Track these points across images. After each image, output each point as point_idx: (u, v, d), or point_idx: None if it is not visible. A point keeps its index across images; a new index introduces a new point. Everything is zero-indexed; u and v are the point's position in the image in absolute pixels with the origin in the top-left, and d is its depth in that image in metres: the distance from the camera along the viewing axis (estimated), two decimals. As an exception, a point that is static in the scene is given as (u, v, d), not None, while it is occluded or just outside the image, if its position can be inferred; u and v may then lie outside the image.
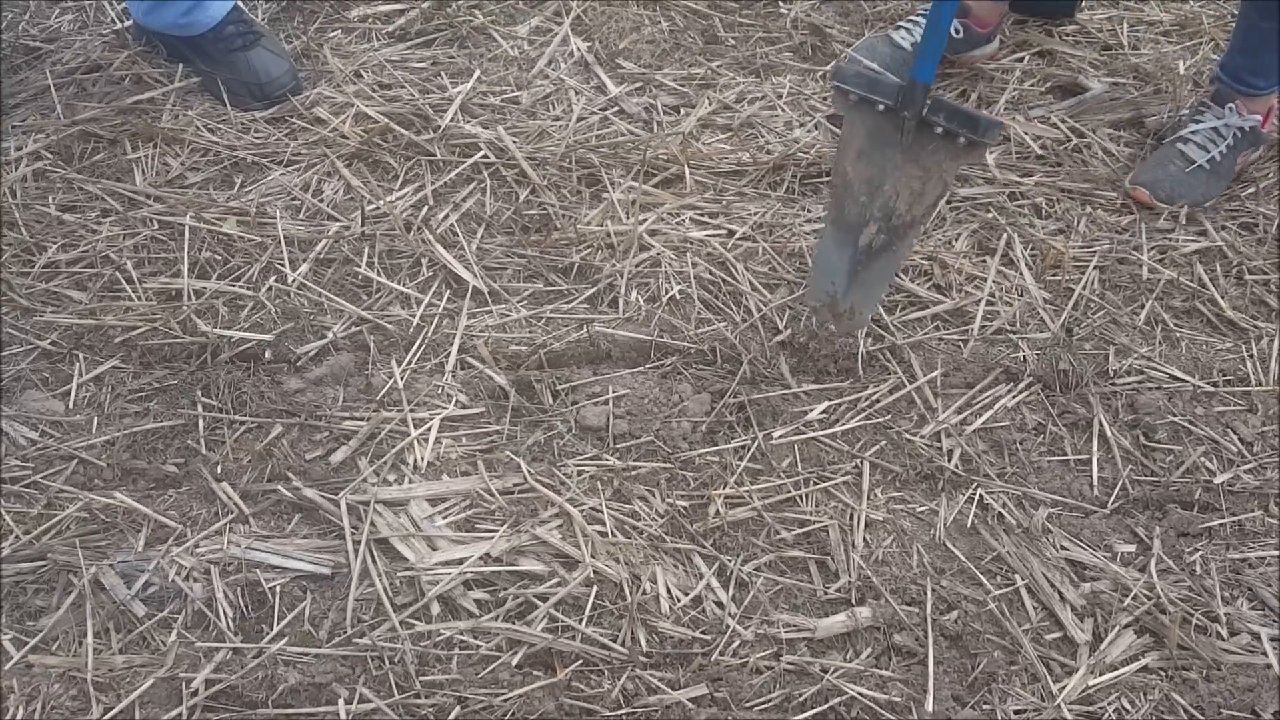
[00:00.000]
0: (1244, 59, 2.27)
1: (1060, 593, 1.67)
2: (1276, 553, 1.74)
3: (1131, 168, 2.35)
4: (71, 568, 1.59)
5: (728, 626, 1.59)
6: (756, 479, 1.76)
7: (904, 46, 2.27)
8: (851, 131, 1.86)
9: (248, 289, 1.97)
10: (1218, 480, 1.82)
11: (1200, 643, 1.61)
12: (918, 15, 2.27)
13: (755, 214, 2.18)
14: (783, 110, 2.45)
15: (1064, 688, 1.55)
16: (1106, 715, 1.53)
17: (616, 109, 2.41)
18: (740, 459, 1.78)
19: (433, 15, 2.60)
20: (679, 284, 2.01)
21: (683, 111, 2.43)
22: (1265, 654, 1.61)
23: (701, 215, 2.18)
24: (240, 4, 2.43)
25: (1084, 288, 2.09)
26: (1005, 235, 2.17)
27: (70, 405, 1.81)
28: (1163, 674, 1.58)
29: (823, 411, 1.86)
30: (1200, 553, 1.73)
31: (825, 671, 1.55)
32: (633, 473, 1.74)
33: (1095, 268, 2.13)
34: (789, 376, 1.90)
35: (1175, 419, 1.90)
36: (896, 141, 1.81)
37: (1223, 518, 1.78)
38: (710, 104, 2.44)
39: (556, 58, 2.53)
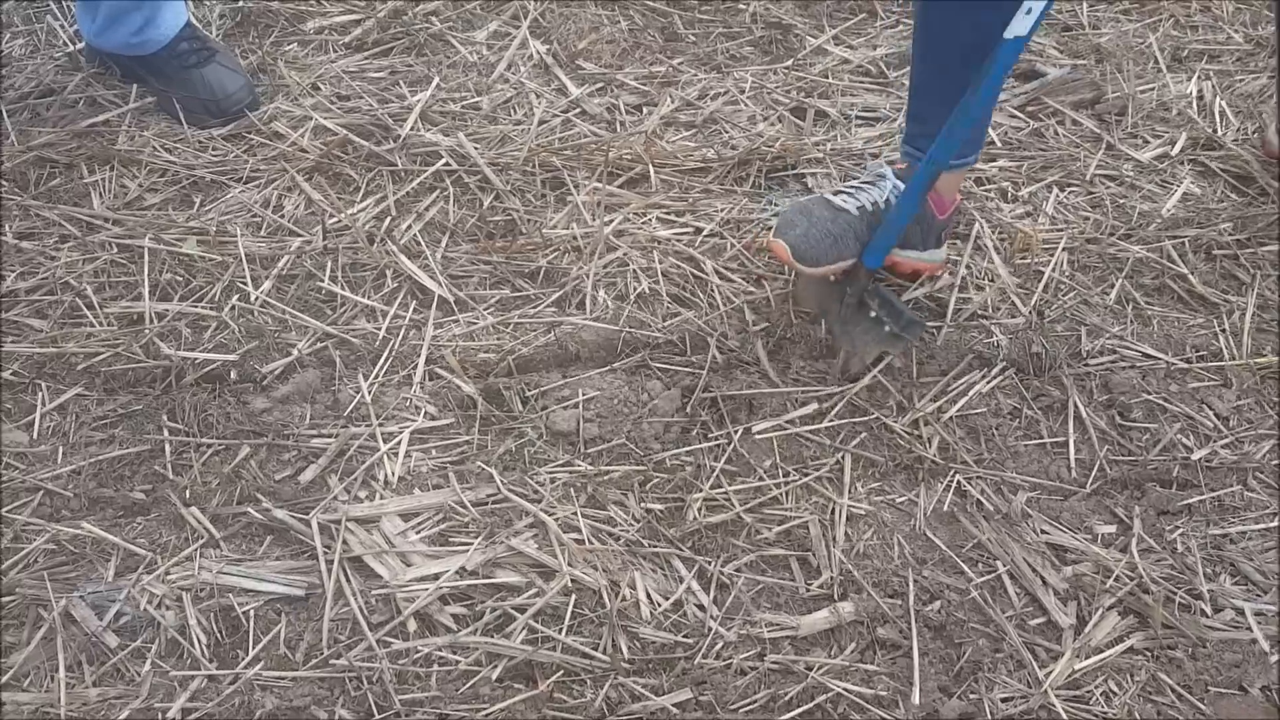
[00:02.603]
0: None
1: (1042, 577, 1.65)
2: (1258, 527, 1.74)
3: (1092, 148, 2.35)
4: (41, 601, 1.56)
5: (710, 629, 1.58)
6: (734, 479, 1.75)
7: (847, 209, 1.90)
8: (803, 286, 1.97)
9: (210, 309, 1.94)
10: (1195, 457, 1.81)
11: (1185, 621, 1.60)
12: (860, 182, 2.14)
13: (722, 210, 2.16)
14: (746, 105, 2.44)
15: (1050, 673, 1.54)
16: (1094, 699, 1.52)
17: (578, 110, 2.40)
18: (717, 460, 1.76)
19: (389, 24, 2.58)
20: (648, 280, 2.00)
21: (645, 110, 2.42)
22: (1250, 629, 1.60)
23: (668, 214, 2.16)
24: (194, 20, 2.40)
25: (1053, 270, 2.08)
26: (975, 222, 2.16)
27: (34, 436, 1.78)
28: (1148, 654, 1.57)
29: (803, 406, 1.84)
30: (1181, 530, 1.72)
31: (810, 669, 1.53)
32: (605, 477, 1.72)
33: (1064, 249, 2.12)
34: (765, 362, 1.88)
35: (1150, 397, 1.89)
36: (836, 310, 1.90)
37: (1202, 494, 1.77)
38: (673, 102, 2.42)
39: (516, 61, 2.51)
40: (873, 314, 1.86)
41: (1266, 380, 1.93)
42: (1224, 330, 2.01)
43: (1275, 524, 1.73)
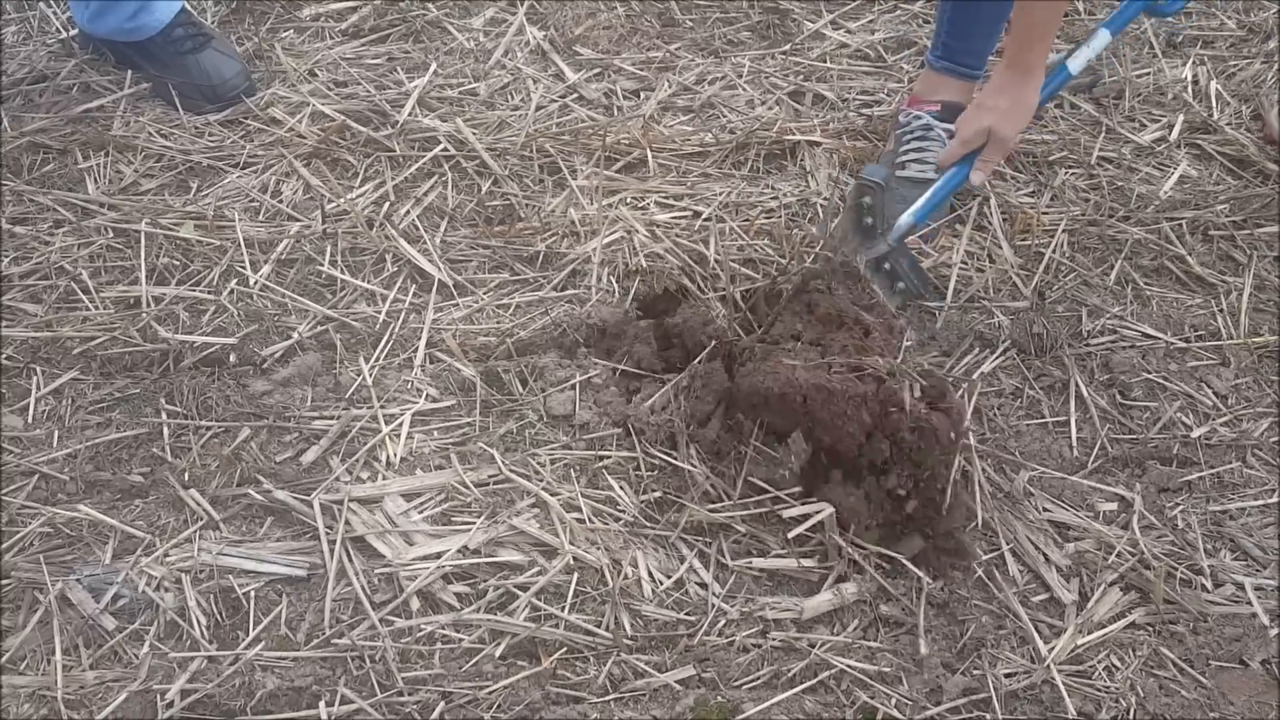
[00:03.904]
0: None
1: (1045, 554, 1.65)
2: (1257, 503, 1.74)
3: (1090, 130, 2.35)
4: (37, 585, 1.55)
5: (713, 606, 1.57)
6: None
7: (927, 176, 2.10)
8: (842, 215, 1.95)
9: (208, 293, 1.93)
10: (1195, 434, 1.81)
11: (1186, 596, 1.60)
12: (914, 143, 2.18)
13: (720, 194, 2.16)
14: (744, 89, 2.44)
15: (1053, 648, 1.54)
16: (1096, 673, 1.51)
17: (576, 96, 2.39)
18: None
19: (386, 11, 2.57)
20: (647, 261, 1.99)
21: (643, 95, 2.41)
22: (1250, 603, 1.60)
23: (666, 198, 2.15)
24: (188, 6, 2.39)
25: (1054, 251, 2.08)
26: (980, 201, 2.16)
27: (29, 420, 1.76)
28: (1150, 629, 1.58)
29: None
30: (1181, 507, 1.72)
31: (813, 646, 1.53)
32: (601, 463, 1.72)
33: (1064, 231, 2.12)
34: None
35: (1150, 376, 1.89)
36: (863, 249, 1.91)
37: (1201, 471, 1.77)
38: (670, 87, 2.42)
39: (513, 47, 2.50)
40: (888, 266, 1.90)
41: (1264, 359, 1.94)
42: (1222, 310, 2.01)
43: (1275, 500, 1.74)
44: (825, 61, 2.52)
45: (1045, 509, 1.71)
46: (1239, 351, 1.94)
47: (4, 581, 1.56)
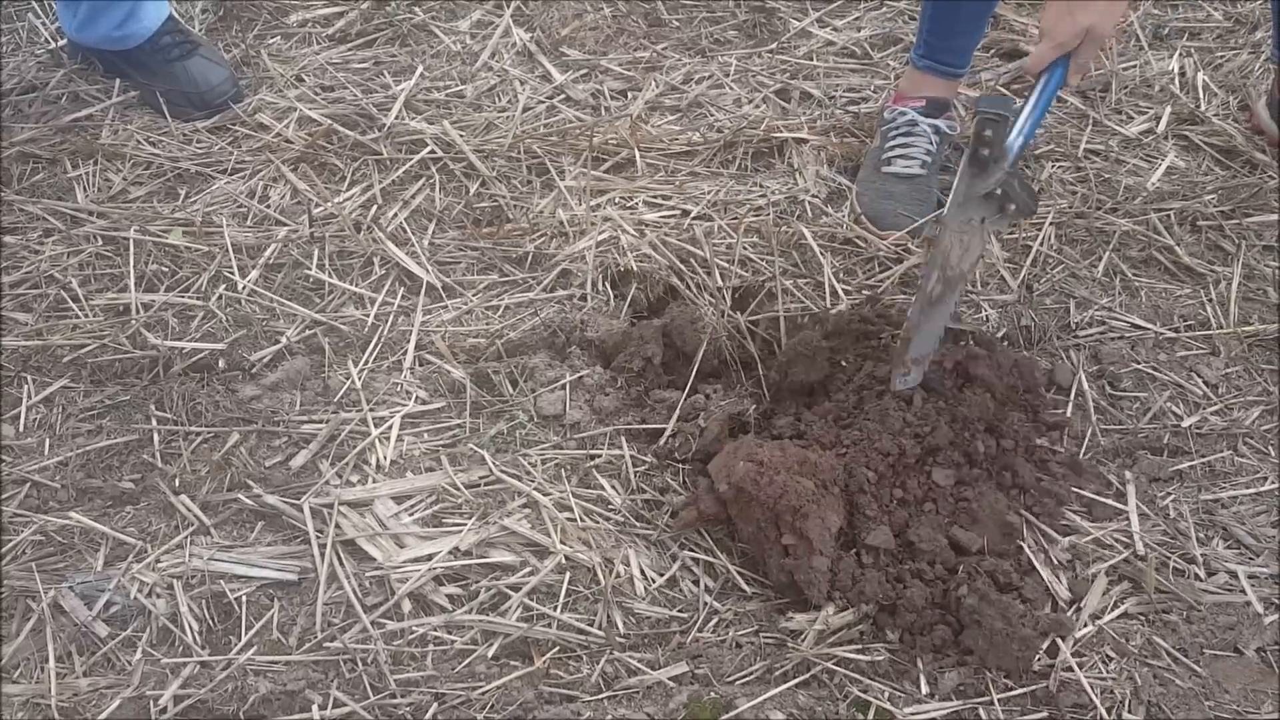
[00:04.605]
0: None
1: (1039, 546, 1.65)
2: (1249, 491, 1.74)
3: (1076, 123, 2.35)
4: (29, 593, 1.55)
5: (705, 604, 1.57)
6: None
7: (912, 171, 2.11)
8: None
9: (197, 299, 1.93)
10: (1185, 424, 1.81)
11: (1179, 585, 1.60)
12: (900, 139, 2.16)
13: (709, 193, 2.16)
14: (731, 88, 2.44)
15: (1048, 641, 1.53)
16: (1092, 664, 1.51)
17: (563, 96, 2.39)
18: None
19: (372, 15, 2.58)
20: (637, 263, 1.99)
21: (630, 95, 2.41)
22: (1244, 591, 1.60)
23: (654, 197, 2.16)
24: (175, 14, 2.39)
25: (1041, 244, 2.08)
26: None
27: (20, 428, 1.76)
28: (1144, 619, 1.57)
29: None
30: (1173, 496, 1.72)
31: (805, 640, 1.53)
32: (592, 463, 1.72)
33: (1051, 224, 2.12)
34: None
35: (1139, 366, 1.89)
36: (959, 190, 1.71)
37: (1192, 460, 1.77)
38: (657, 86, 2.42)
39: (499, 49, 2.51)
40: (999, 191, 1.67)
41: (1254, 347, 1.94)
42: (1211, 300, 2.01)
43: (1266, 487, 1.74)
44: (812, 59, 2.52)
45: (1036, 501, 1.71)
46: (1229, 340, 1.94)
47: (-3, 590, 1.56)
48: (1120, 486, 1.73)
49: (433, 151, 2.21)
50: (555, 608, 1.55)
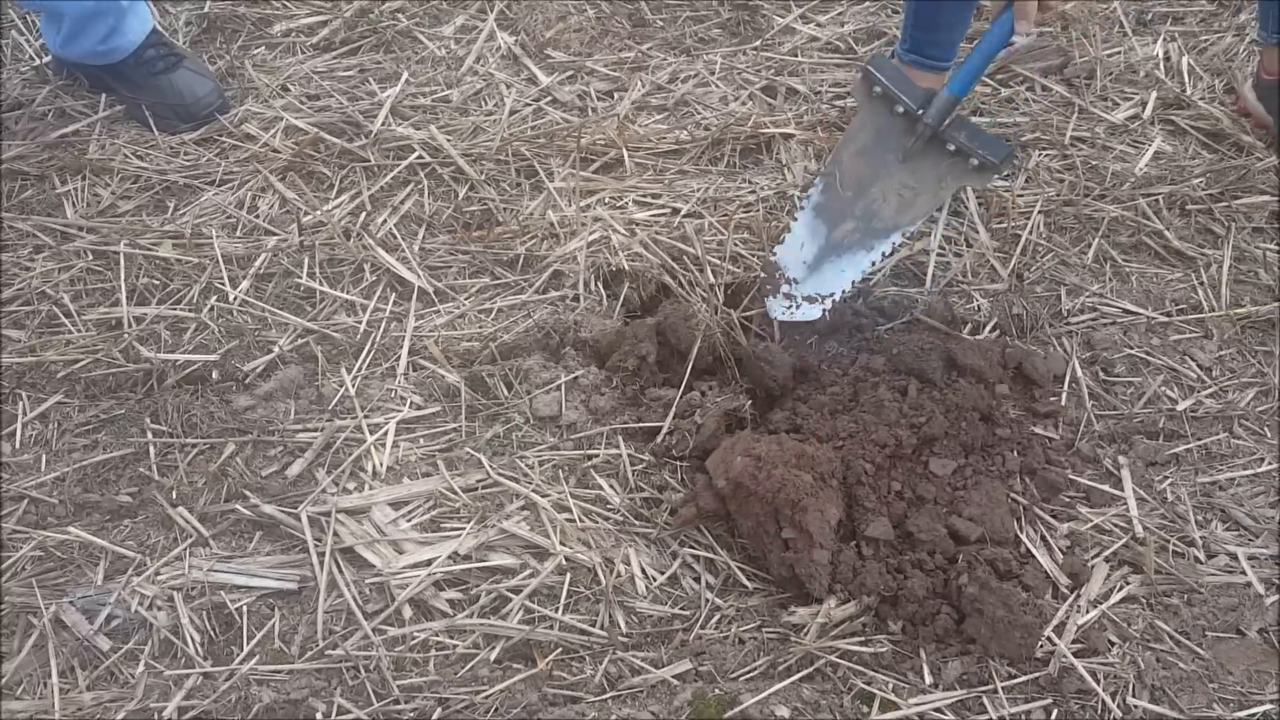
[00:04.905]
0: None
1: (1040, 533, 1.65)
2: (1246, 473, 1.74)
3: (1062, 111, 2.36)
4: (30, 609, 1.55)
5: (707, 600, 1.57)
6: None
7: None
8: (860, 126, 1.87)
9: (189, 311, 1.93)
10: (1180, 407, 1.82)
11: (1179, 568, 1.60)
12: None
13: (698, 190, 2.16)
14: (716, 86, 2.44)
15: (1050, 628, 1.53)
16: (1095, 648, 1.51)
17: (549, 99, 2.39)
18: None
19: (356, 23, 2.57)
20: (629, 262, 1.99)
21: (616, 96, 2.41)
22: (1245, 573, 1.61)
23: (644, 197, 2.16)
24: (159, 27, 2.39)
25: (1030, 233, 2.09)
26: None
27: (17, 445, 1.76)
28: (1145, 603, 1.58)
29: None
30: (1170, 480, 1.73)
31: (809, 634, 1.53)
32: (590, 463, 1.72)
33: (1040, 212, 2.12)
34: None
35: (1132, 352, 1.90)
36: (900, 147, 1.81)
37: (1189, 443, 1.77)
38: (643, 86, 2.42)
39: (484, 53, 2.50)
40: (951, 147, 1.79)
41: (1247, 329, 1.94)
42: (1202, 283, 2.02)
43: (1264, 469, 1.74)
44: (796, 55, 2.53)
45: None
46: (1221, 323, 1.95)
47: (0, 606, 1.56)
48: (1116, 472, 1.73)
49: (420, 157, 2.21)
50: (557, 609, 1.55)
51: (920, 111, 1.80)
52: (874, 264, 1.83)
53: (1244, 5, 2.65)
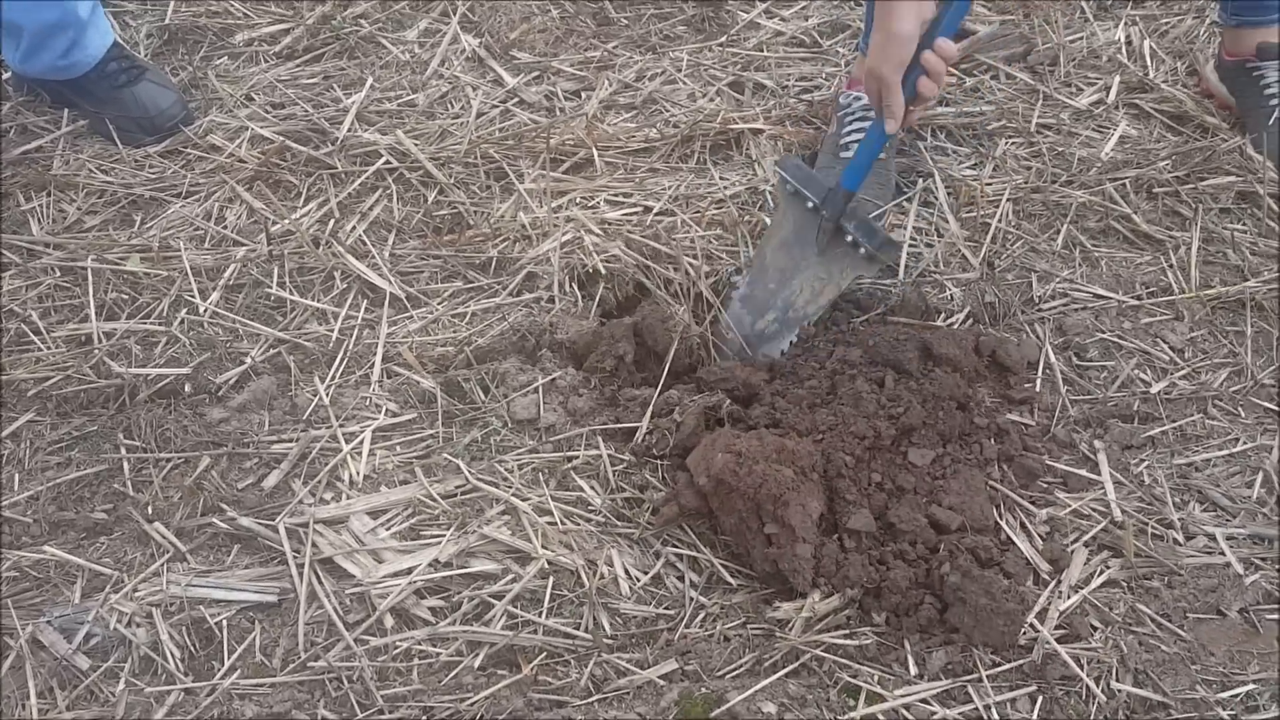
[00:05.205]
0: None
1: (1018, 520, 1.66)
2: (1221, 453, 1.75)
3: (1027, 98, 2.37)
4: (7, 629, 1.53)
5: (691, 599, 1.57)
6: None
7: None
8: (782, 220, 1.93)
9: (159, 325, 1.91)
10: (1154, 390, 1.83)
11: (1159, 550, 1.61)
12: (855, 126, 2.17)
13: (669, 188, 2.16)
14: (684, 83, 2.44)
15: (1031, 615, 1.54)
16: (1076, 634, 1.52)
17: (516, 100, 2.38)
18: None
19: (318, 30, 2.56)
20: (604, 263, 1.98)
21: (584, 95, 2.41)
22: (1224, 553, 1.62)
23: (615, 196, 2.15)
24: (120, 40, 2.36)
25: (1000, 220, 2.10)
26: (926, 176, 2.17)
27: (-13, 466, 1.74)
28: (1125, 586, 1.58)
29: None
30: (1146, 463, 1.74)
31: (794, 629, 1.53)
32: (570, 465, 1.71)
33: (1008, 200, 2.13)
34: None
35: (1104, 336, 1.91)
36: (814, 240, 1.87)
37: (1164, 425, 1.78)
38: (611, 85, 2.42)
39: (449, 56, 2.49)
40: (849, 238, 1.84)
41: (1217, 310, 1.96)
42: (1171, 265, 2.03)
43: (1239, 449, 1.75)
44: (762, 50, 2.53)
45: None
46: (1192, 305, 1.96)
47: (-29, 631, 1.53)
48: (1092, 456, 1.74)
49: (388, 162, 2.20)
50: (540, 613, 1.54)
51: (821, 207, 1.87)
52: (782, 353, 1.89)
53: (1204, -12, 2.68)
